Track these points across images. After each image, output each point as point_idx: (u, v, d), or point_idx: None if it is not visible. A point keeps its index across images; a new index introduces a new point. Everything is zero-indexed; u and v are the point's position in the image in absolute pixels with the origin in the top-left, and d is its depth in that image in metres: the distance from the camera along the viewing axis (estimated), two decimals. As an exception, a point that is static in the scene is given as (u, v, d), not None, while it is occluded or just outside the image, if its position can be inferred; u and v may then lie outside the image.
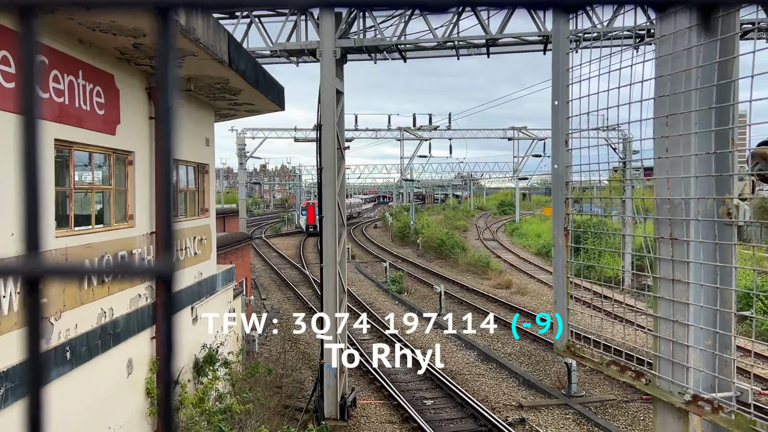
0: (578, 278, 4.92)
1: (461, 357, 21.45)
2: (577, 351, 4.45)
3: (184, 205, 13.87)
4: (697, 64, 3.52)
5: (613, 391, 17.83)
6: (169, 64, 0.55)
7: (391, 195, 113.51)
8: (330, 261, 15.81)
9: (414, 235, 54.44)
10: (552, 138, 4.70)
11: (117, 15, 8.19)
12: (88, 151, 9.65)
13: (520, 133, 52.92)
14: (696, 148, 3.59)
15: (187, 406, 11.59)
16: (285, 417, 15.14)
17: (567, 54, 4.47)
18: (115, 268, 0.59)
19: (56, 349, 8.21)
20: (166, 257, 0.56)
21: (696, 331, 3.62)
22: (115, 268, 0.59)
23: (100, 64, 9.59)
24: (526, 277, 37.05)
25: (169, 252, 0.56)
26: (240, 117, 17.65)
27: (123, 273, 0.59)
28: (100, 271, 0.62)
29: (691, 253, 3.62)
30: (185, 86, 12.21)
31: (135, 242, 10.74)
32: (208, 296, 14.56)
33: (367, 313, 27.27)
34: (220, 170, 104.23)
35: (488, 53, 17.46)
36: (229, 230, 31.30)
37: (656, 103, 3.80)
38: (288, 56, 17.48)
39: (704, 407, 3.45)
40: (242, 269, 23.71)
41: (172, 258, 0.56)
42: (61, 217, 8.90)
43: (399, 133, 50.89)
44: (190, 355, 13.22)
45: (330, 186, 15.70)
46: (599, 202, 6.82)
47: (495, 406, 16.78)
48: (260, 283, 35.01)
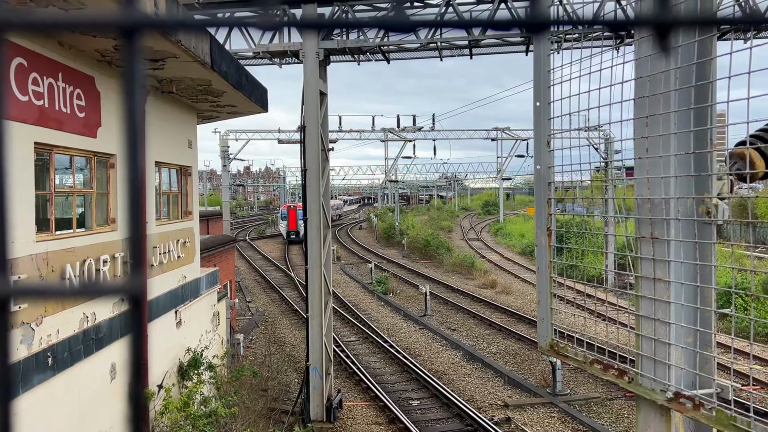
0: (561, 277, 4.95)
1: (447, 357, 21.50)
2: (561, 350, 4.48)
3: (167, 208, 13.76)
4: (675, 65, 3.57)
5: (597, 389, 17.98)
6: (136, 84, 0.55)
7: (376, 196, 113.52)
8: (315, 263, 15.77)
9: (399, 236, 54.51)
10: (534, 139, 4.73)
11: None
12: (69, 154, 9.55)
13: (504, 133, 53.22)
14: (675, 148, 3.63)
15: (171, 411, 11.49)
16: (271, 420, 15.07)
17: (548, 55, 4.51)
18: (84, 288, 0.59)
19: (37, 355, 8.10)
20: (135, 276, 0.56)
21: (677, 329, 3.67)
22: (84, 288, 0.59)
23: (80, 67, 9.49)
24: (511, 277, 37.24)
25: (138, 270, 0.56)
26: (223, 119, 17.55)
27: (93, 292, 0.59)
28: (70, 291, 0.61)
29: (672, 252, 3.66)
30: (167, 88, 12.11)
31: (118, 246, 10.63)
32: (192, 300, 14.45)
33: (352, 314, 27.25)
34: (204, 172, 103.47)
35: (471, 54, 17.53)
36: (213, 233, 31.12)
37: (636, 104, 3.84)
38: (271, 58, 17.42)
39: (686, 404, 3.50)
40: (226, 272, 23.59)
41: (141, 277, 0.56)
42: (42, 221, 8.79)
43: (383, 134, 50.94)
44: (174, 359, 13.12)
45: (314, 187, 15.67)
46: (582, 202, 6.88)
47: (481, 406, 16.84)
48: (245, 286, 34.84)
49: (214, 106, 14.83)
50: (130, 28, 0.54)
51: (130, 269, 0.57)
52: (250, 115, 17.19)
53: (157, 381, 12.03)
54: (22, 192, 7.96)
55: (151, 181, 12.15)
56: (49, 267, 8.58)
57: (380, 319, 26.81)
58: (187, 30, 0.55)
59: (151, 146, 11.84)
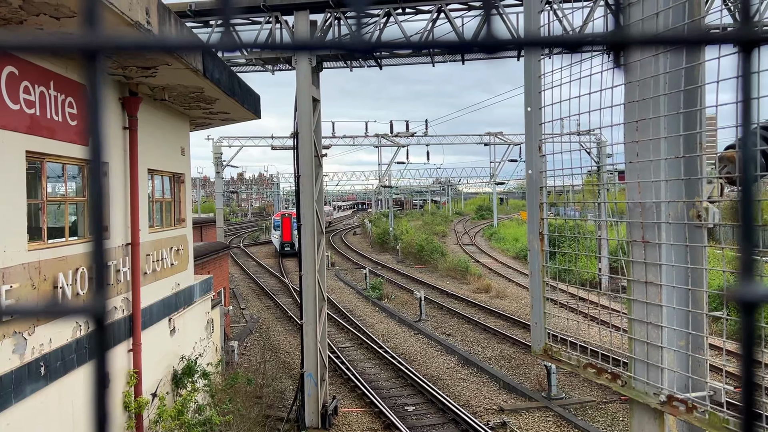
0: (555, 281, 4.97)
1: (442, 362, 21.48)
2: (555, 354, 4.49)
3: (160, 215, 13.73)
4: (664, 69, 3.60)
5: (592, 392, 18.00)
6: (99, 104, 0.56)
7: (370, 201, 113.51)
8: (309, 269, 15.75)
9: (393, 241, 54.50)
10: (525, 144, 4.75)
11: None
12: (61, 163, 9.52)
13: (496, 138, 53.39)
14: (665, 152, 3.66)
15: (165, 419, 11.43)
16: (266, 427, 15.02)
17: (539, 61, 4.53)
18: (47, 308, 0.59)
19: (30, 364, 8.05)
20: (98, 295, 0.56)
21: (669, 332, 3.68)
22: (47, 308, 0.59)
23: (71, 75, 9.47)
24: (505, 281, 37.28)
25: (101, 290, 0.57)
26: (216, 126, 17.54)
27: (55, 312, 0.59)
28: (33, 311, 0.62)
29: (663, 256, 3.68)
30: (160, 95, 12.09)
31: (110, 254, 10.59)
32: (186, 307, 14.40)
33: (347, 320, 27.20)
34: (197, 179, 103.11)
35: (463, 60, 17.60)
36: (207, 240, 31.06)
37: (626, 109, 3.87)
38: (263, 64, 17.44)
39: (679, 407, 3.51)
40: (220, 279, 23.52)
41: (103, 296, 0.56)
42: (34, 230, 8.75)
43: (377, 139, 50.98)
44: (168, 367, 13.06)
45: (308, 193, 15.67)
46: (575, 206, 6.91)
47: (476, 411, 16.83)
48: (239, 293, 34.73)
49: (207, 113, 14.82)
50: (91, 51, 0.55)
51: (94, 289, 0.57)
52: (243, 121, 17.19)
53: (151, 389, 11.96)
54: (13, 201, 7.92)
55: (144, 188, 12.12)
56: (42, 276, 8.53)
57: (375, 325, 26.77)
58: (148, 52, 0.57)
59: (144, 154, 11.81)
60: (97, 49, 0.55)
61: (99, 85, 0.56)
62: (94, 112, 0.57)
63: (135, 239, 11.34)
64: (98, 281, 0.57)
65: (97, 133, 0.57)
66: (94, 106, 0.57)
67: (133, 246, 11.29)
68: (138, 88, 11.29)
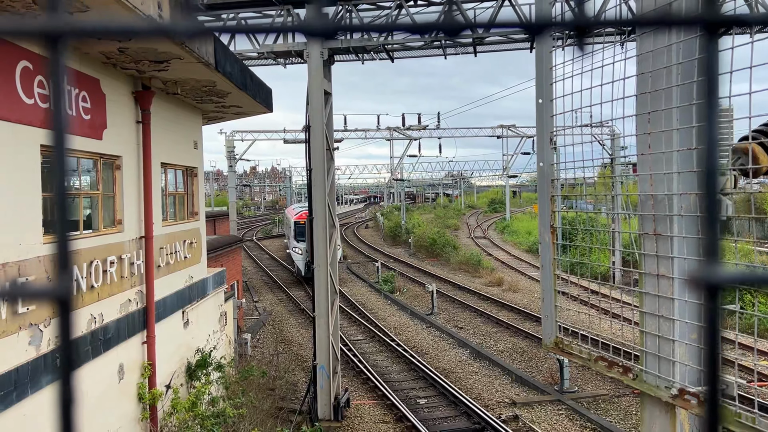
0: (568, 274, 4.95)
1: (454, 355, 21.49)
2: (566, 347, 4.48)
3: (173, 209, 13.82)
4: (677, 60, 3.56)
5: (605, 386, 17.93)
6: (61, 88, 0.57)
7: (382, 195, 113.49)
8: (321, 262, 15.80)
9: (405, 234, 54.49)
10: (537, 136, 4.73)
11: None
12: (75, 157, 9.60)
13: (509, 131, 53.14)
14: (678, 144, 3.62)
15: (179, 411, 11.54)
16: (278, 419, 15.12)
17: (550, 52, 4.50)
18: (11, 291, 0.60)
19: (45, 356, 8.16)
20: (63, 279, 0.57)
21: (681, 325, 3.66)
22: (11, 291, 0.60)
23: (85, 69, 9.53)
24: (518, 275, 37.17)
25: (65, 273, 0.57)
26: (228, 119, 17.60)
27: (19, 295, 0.60)
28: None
29: (675, 249, 3.65)
30: (172, 89, 12.15)
31: (124, 247, 10.68)
32: (199, 300, 14.51)
33: (359, 313, 27.28)
34: (210, 173, 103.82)
35: (475, 52, 17.50)
36: (220, 233, 31.22)
37: (638, 100, 3.83)
38: (275, 58, 17.46)
39: (690, 401, 3.49)
40: (233, 272, 23.65)
41: (68, 279, 0.57)
42: (49, 223, 8.84)
43: (389, 132, 50.93)
44: (182, 360, 13.17)
45: (320, 187, 15.70)
46: (588, 199, 6.87)
47: (488, 404, 16.83)
48: (252, 286, 34.92)
49: (220, 107, 14.87)
50: (54, 35, 0.56)
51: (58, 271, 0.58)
52: (255, 115, 17.24)
53: (165, 381, 12.08)
54: (29, 194, 8.01)
55: (157, 182, 12.20)
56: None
57: (387, 318, 26.82)
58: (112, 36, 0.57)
59: (157, 147, 11.89)
60: (60, 34, 0.56)
61: (63, 71, 0.57)
62: (56, 98, 0.57)
63: (149, 232, 11.43)
64: (61, 262, 0.58)
65: (60, 118, 0.57)
66: (56, 92, 0.57)
67: (146, 239, 11.38)
68: (151, 82, 11.35)
